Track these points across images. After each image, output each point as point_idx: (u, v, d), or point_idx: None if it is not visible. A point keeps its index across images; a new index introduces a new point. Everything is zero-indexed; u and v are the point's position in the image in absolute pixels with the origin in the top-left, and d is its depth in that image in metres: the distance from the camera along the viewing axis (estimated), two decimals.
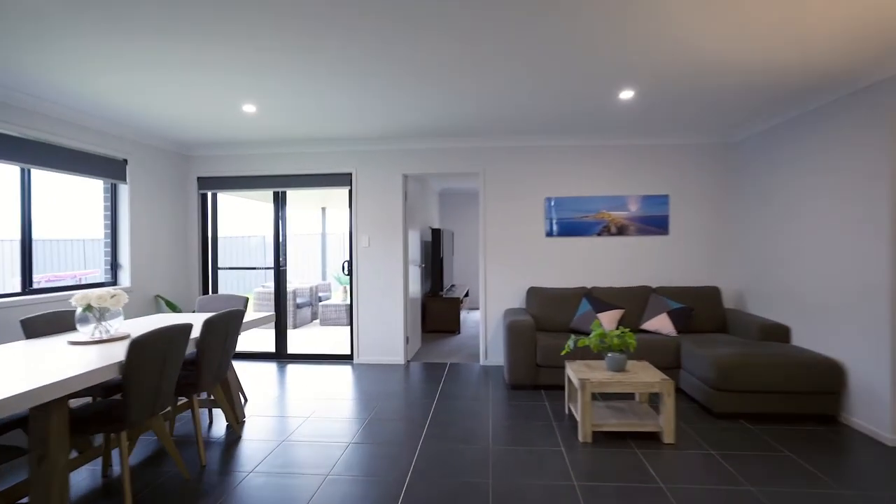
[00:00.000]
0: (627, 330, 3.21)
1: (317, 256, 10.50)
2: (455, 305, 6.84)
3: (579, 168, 4.92)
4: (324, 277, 10.13)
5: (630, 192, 4.88)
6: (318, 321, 8.49)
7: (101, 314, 2.64)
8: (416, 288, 5.72)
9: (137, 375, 2.19)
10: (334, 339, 6.67)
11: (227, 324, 2.93)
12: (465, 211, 9.69)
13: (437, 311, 6.86)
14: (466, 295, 8.77)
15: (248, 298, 3.93)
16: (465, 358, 5.33)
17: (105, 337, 2.63)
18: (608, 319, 4.40)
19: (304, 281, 9.35)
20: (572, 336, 3.30)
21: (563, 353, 3.41)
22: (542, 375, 4.10)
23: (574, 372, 3.22)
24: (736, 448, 2.90)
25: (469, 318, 8.42)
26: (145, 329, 2.98)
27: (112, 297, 2.63)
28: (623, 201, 4.88)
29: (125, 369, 2.14)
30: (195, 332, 2.81)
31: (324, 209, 9.98)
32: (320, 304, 8.26)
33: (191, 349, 2.71)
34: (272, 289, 7.99)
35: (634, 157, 4.87)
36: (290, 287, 8.18)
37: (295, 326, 7.90)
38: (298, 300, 8.14)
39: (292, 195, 8.71)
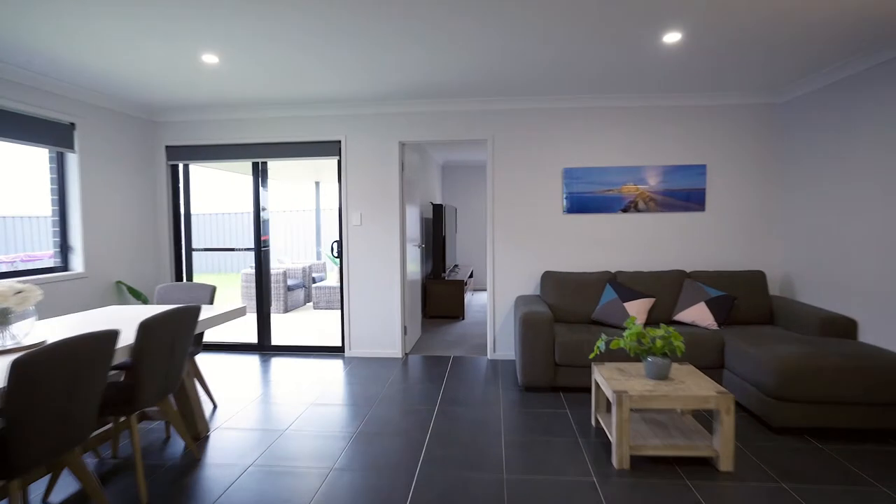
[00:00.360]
0: (672, 329, 2.61)
1: (311, 234, 9.89)
2: (459, 289, 6.25)
3: (603, 134, 4.25)
4: (318, 257, 9.53)
5: (661, 162, 4.22)
6: (311, 304, 7.93)
7: (3, 317, 2.04)
8: (415, 270, 5.12)
9: (27, 405, 1.60)
10: (327, 326, 6.10)
11: (175, 326, 2.33)
12: (470, 185, 9.01)
13: (439, 296, 6.28)
14: (471, 276, 8.18)
15: (214, 288, 3.33)
16: (471, 350, 4.75)
17: (10, 345, 2.04)
18: (637, 310, 3.79)
19: (296, 261, 8.76)
20: (603, 336, 2.70)
21: (592, 356, 2.82)
22: (561, 376, 3.53)
23: (606, 380, 2.63)
24: (811, 478, 2.32)
25: (474, 301, 7.84)
26: (75, 331, 2.39)
27: (16, 293, 2.03)
28: (653, 172, 4.22)
29: (6, 399, 1.55)
30: (133, 336, 2.22)
31: (317, 183, 9.32)
32: (314, 286, 7.69)
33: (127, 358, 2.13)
34: None
35: (667, 120, 4.19)
36: (281, 268, 7.60)
37: (286, 310, 7.34)
38: (290, 282, 7.56)
39: (283, 168, 8.05)
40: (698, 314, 3.73)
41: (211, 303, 3.30)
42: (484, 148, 6.87)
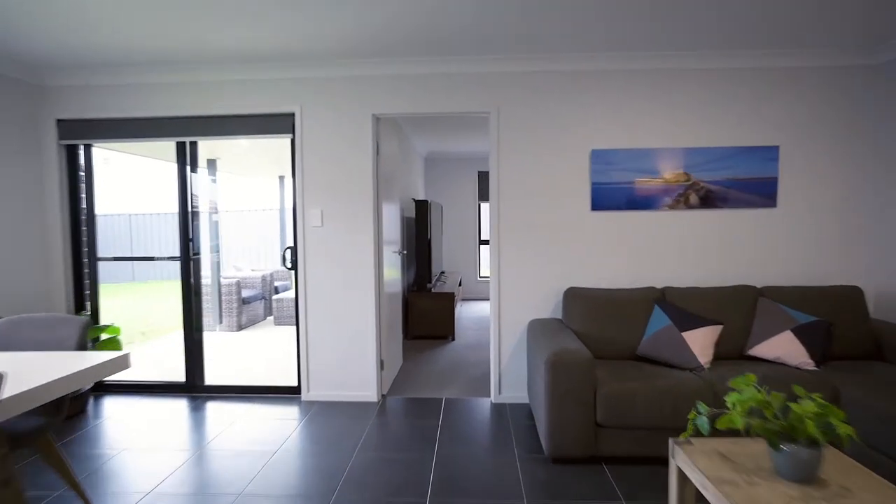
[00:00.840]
0: (820, 398, 1.57)
1: (274, 237, 8.68)
2: (448, 303, 5.16)
3: (644, 106, 3.22)
4: (282, 263, 8.35)
5: (720, 143, 3.21)
6: (272, 318, 6.74)
7: None
8: (394, 281, 4.02)
9: None
10: (290, 345, 4.92)
11: None
12: (457, 177, 7.94)
13: (425, 312, 5.17)
14: (459, 284, 7.10)
15: (86, 323, 2.17)
16: (468, 388, 3.66)
17: None
18: (701, 341, 2.77)
19: (256, 268, 7.56)
20: (702, 407, 1.66)
21: (685, 436, 1.77)
22: (604, 441, 2.47)
23: (710, 480, 1.57)
24: None
25: (463, 314, 6.76)
26: None
27: None
28: (709, 157, 3.20)
29: None
30: None
31: (282, 178, 8.11)
32: (275, 297, 6.51)
33: None
34: (210, 280, 6.23)
35: (729, 88, 3.18)
36: (236, 276, 6.40)
37: (240, 328, 6.14)
38: (245, 294, 6.36)
39: (238, 159, 6.84)
40: (785, 347, 2.72)
41: (80, 347, 2.14)
42: (482, 129, 5.81)
